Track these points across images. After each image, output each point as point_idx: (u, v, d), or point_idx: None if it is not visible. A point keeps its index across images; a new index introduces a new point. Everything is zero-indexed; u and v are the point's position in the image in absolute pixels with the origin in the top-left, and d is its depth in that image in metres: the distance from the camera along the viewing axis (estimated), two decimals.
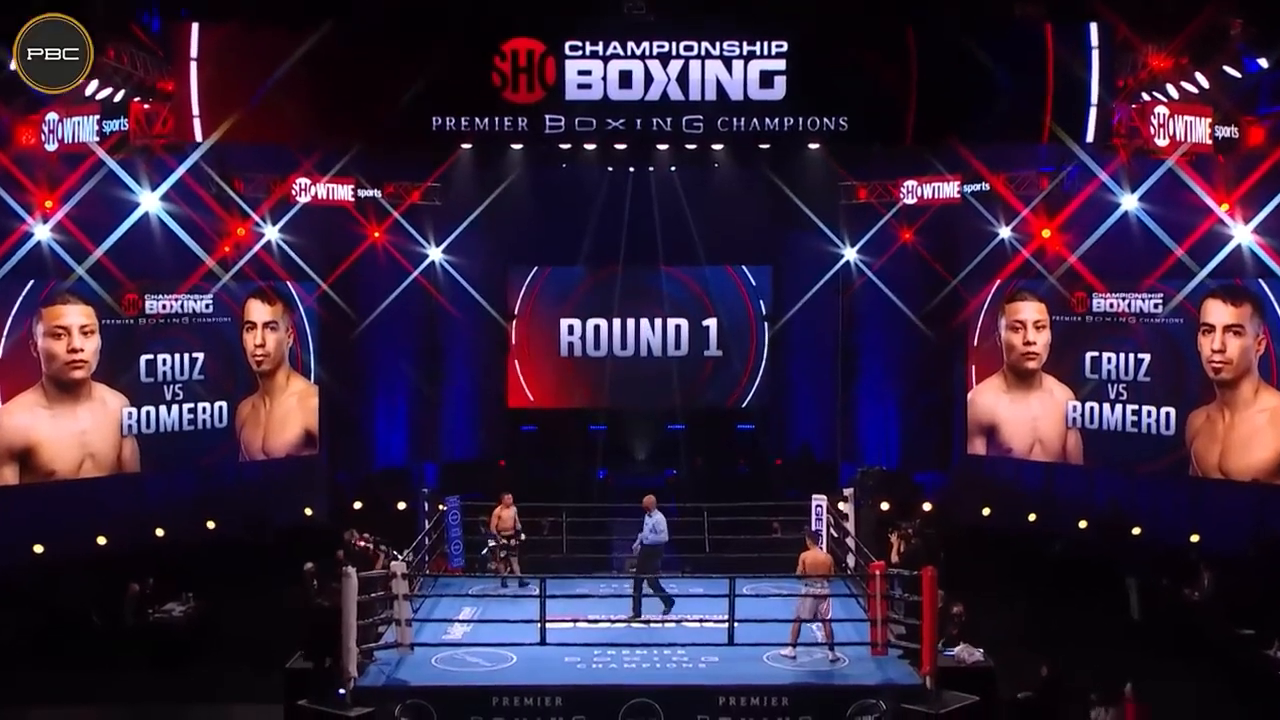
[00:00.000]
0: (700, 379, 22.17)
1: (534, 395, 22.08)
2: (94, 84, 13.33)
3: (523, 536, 13.88)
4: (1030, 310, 18.75)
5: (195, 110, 12.91)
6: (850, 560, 13.62)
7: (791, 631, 11.51)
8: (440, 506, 14.42)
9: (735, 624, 11.11)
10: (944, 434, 19.96)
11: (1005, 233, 18.45)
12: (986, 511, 18.68)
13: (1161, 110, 14.19)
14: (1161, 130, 14.20)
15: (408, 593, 11.16)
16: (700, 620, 12.11)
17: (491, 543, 14.71)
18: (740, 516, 14.31)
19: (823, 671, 10.93)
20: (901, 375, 20.60)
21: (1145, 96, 14.51)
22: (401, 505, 17.90)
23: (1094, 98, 13.39)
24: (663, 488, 20.36)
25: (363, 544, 12.00)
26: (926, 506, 17.73)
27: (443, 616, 12.47)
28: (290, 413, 18.94)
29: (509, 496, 13.85)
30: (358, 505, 18.38)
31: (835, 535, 14.07)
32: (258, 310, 18.49)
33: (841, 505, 14.13)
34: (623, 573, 14.89)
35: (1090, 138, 13.58)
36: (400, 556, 11.87)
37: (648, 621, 12.01)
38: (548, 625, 11.02)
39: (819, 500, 14.10)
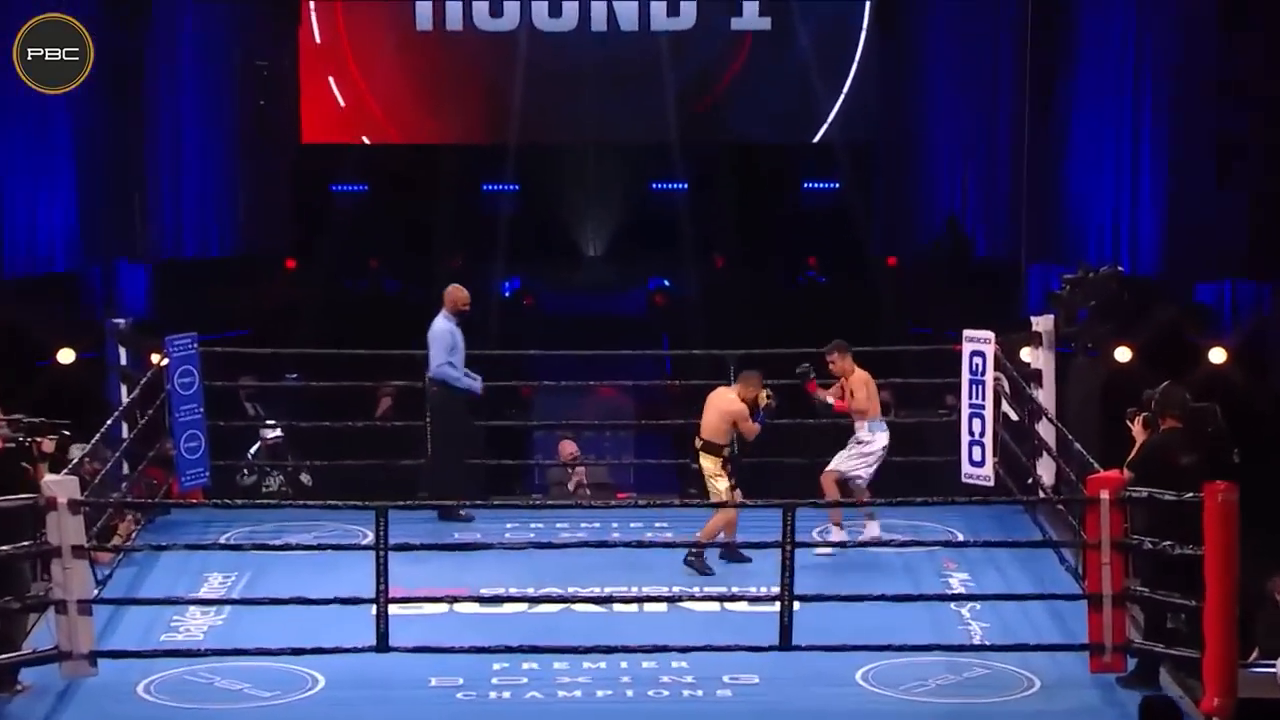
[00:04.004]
0: (722, 82, 22.21)
1: (359, 119, 22.27)
2: None
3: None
4: None
5: None
6: (1045, 470, 13.73)
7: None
8: (157, 359, 14.50)
9: (793, 604, 11.22)
10: (1266, 206, 20.03)
11: None
12: None
13: None
14: None
15: (84, 544, 11.10)
16: (723, 597, 12.30)
17: (271, 435, 15.06)
18: (807, 379, 14.20)
19: (979, 709, 11.01)
20: (1165, 79, 20.51)
21: None
22: (66, 355, 17.86)
23: None
24: (643, 316, 20.90)
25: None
26: (1217, 356, 17.76)
27: (166, 594, 12.56)
28: None
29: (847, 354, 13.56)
30: None
31: (1015, 416, 14.21)
32: None
33: (1027, 353, 14.45)
34: (556, 499, 15.07)
35: None
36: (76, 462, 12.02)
37: (639, 600, 12.18)
38: (392, 611, 11.12)
39: (978, 342, 14.21)
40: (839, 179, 22.21)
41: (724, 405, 13.17)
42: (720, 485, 13.10)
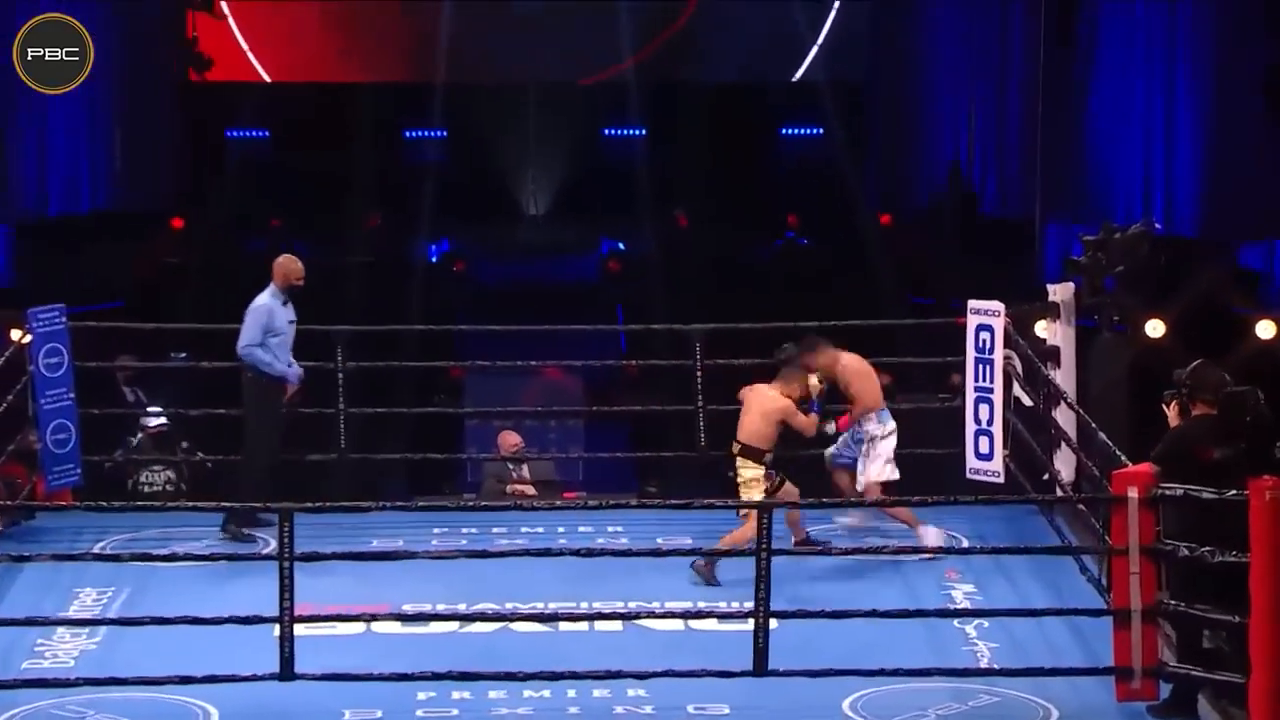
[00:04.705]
0: (686, 10, 22.52)
1: (259, 55, 22.37)
2: None
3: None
4: None
5: None
6: (1064, 464, 13.84)
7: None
8: (18, 335, 14.57)
9: (770, 622, 11.26)
10: None
11: None
12: None
13: None
14: None
15: None
16: (688, 614, 12.33)
17: (154, 422, 15.10)
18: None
19: None
20: (1205, 4, 20.58)
21: None
22: None
23: None
24: (594, 284, 20.78)
25: None
26: (1265, 330, 17.80)
27: (28, 613, 12.47)
28: None
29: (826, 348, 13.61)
30: None
31: (1029, 401, 14.27)
32: None
33: (1043, 327, 14.67)
34: (492, 498, 15.13)
35: None
36: None
37: (589, 617, 12.28)
38: (298, 632, 11.11)
39: (985, 314, 14.35)
40: (823, 124, 22.20)
41: (766, 405, 13.13)
42: (754, 496, 13.05)
